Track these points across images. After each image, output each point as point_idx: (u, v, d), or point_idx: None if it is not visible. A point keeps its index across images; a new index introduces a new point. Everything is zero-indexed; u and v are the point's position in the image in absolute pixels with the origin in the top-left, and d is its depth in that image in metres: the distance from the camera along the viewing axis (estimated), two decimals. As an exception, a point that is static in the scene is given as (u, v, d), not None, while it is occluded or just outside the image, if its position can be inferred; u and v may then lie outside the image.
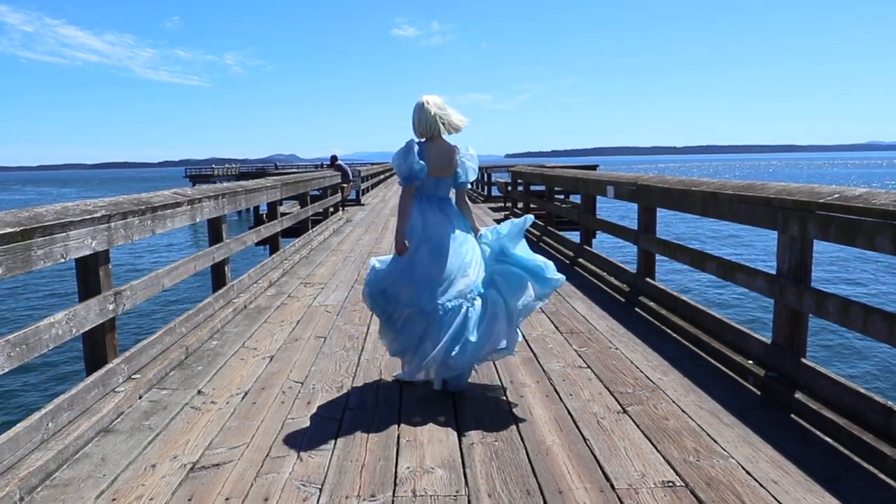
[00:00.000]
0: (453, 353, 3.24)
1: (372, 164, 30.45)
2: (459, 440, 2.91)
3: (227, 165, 70.83)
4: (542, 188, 11.13)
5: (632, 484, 2.49)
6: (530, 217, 3.54)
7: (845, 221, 2.93)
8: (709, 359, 3.96)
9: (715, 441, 2.85)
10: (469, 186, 3.68)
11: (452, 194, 3.66)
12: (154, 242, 25.14)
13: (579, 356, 4.08)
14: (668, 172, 19.86)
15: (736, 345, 3.88)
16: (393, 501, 2.40)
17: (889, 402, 2.72)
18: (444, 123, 3.43)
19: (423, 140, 3.48)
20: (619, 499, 2.39)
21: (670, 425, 3.03)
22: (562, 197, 12.40)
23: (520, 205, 13.12)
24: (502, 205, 16.40)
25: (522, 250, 3.42)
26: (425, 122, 3.42)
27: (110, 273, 3.52)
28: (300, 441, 2.92)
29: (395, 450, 2.83)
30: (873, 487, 2.46)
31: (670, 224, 25.55)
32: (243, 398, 3.44)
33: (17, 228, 2.66)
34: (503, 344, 3.33)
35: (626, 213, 11.18)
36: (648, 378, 3.66)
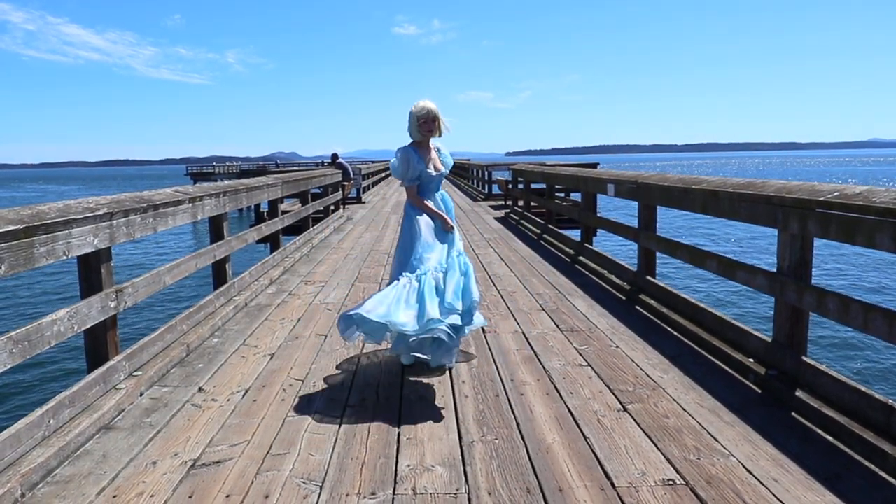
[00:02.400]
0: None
1: (373, 161, 30.45)
2: (460, 438, 2.92)
3: (228, 163, 70.85)
4: (543, 186, 11.13)
5: (632, 482, 2.49)
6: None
7: (845, 219, 2.92)
8: (709, 357, 3.96)
9: (715, 439, 2.85)
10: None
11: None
12: (159, 241, 25.15)
13: (580, 354, 4.09)
14: (669, 170, 19.81)
15: (736, 343, 3.88)
16: (393, 499, 2.40)
17: (890, 400, 2.72)
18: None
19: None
20: (620, 497, 2.39)
21: (671, 423, 3.03)
22: (562, 195, 12.40)
23: (520, 202, 13.11)
24: (503, 203, 16.40)
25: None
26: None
27: (112, 270, 3.53)
28: (301, 439, 2.92)
29: (395, 447, 2.83)
30: (874, 486, 2.46)
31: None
32: (244, 396, 3.45)
33: (19, 226, 2.67)
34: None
35: (627, 212, 11.17)
36: (649, 376, 3.67)
